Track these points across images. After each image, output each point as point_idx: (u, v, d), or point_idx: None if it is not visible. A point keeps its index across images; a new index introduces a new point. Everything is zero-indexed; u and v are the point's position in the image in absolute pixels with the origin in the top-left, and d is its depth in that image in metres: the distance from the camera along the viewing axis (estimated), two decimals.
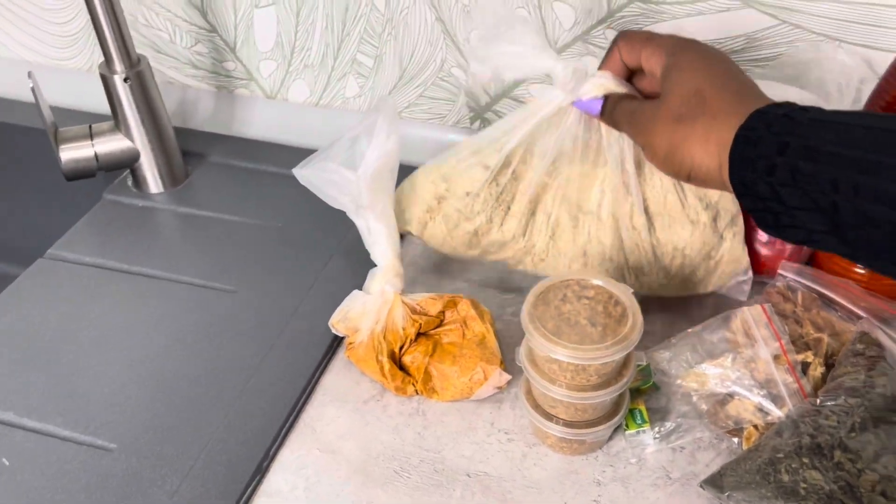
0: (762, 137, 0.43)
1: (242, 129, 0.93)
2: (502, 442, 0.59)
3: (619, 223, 0.61)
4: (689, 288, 0.64)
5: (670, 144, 0.48)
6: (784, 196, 0.42)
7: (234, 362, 0.64)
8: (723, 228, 0.62)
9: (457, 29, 0.79)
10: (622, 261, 0.61)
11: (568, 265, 0.62)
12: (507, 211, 0.62)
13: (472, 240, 0.64)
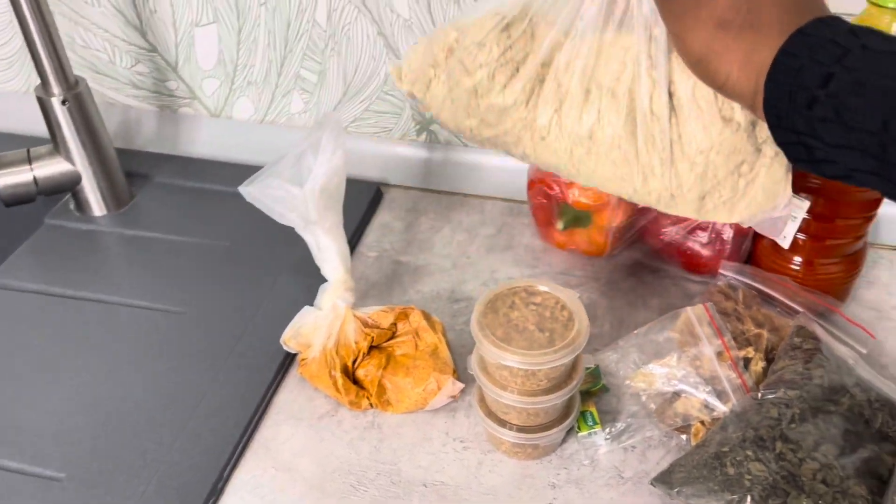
0: (804, 66, 0.38)
1: (187, 148, 0.93)
2: (458, 450, 0.60)
3: (635, 104, 0.50)
4: (706, 208, 0.52)
5: (707, 51, 0.43)
6: (823, 133, 0.38)
7: (184, 384, 0.64)
8: (762, 140, 0.50)
9: (399, 43, 0.80)
10: (632, 153, 0.51)
11: (570, 150, 0.52)
12: (514, 72, 0.52)
13: (470, 102, 0.53)
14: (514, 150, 0.55)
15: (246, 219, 0.77)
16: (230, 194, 0.81)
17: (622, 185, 0.51)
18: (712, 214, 0.52)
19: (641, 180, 0.51)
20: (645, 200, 0.51)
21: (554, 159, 0.53)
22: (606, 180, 0.51)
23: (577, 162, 0.51)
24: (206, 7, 0.83)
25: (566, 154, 0.52)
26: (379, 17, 0.79)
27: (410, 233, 0.81)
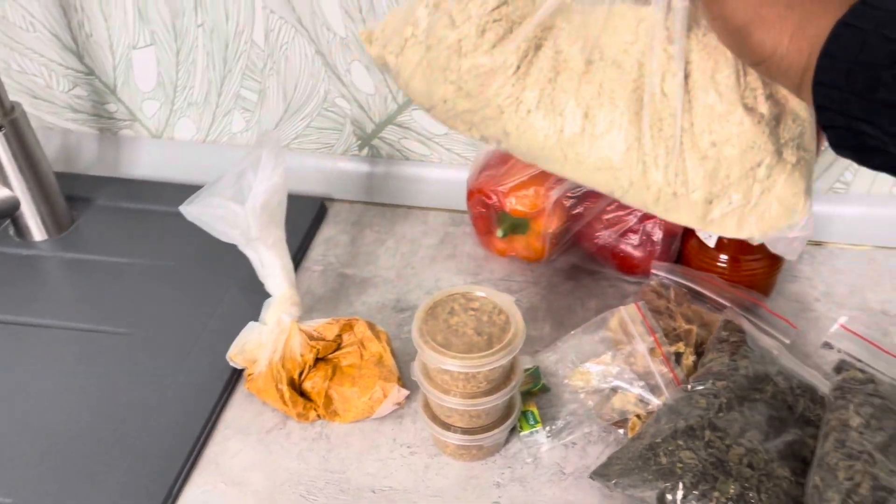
0: (868, 41, 0.33)
1: (129, 170, 0.93)
2: (405, 456, 0.61)
3: (643, 80, 0.43)
4: (711, 215, 0.44)
5: (753, 18, 0.37)
6: (885, 119, 0.34)
7: (131, 405, 0.64)
8: (785, 141, 0.43)
9: (337, 60, 0.82)
10: (632, 137, 0.43)
11: (560, 129, 0.44)
12: (507, 31, 0.45)
13: (451, 62, 0.46)
14: (491, 129, 0.47)
15: (190, 239, 0.77)
16: (174, 215, 0.81)
17: (616, 177, 0.44)
18: (718, 224, 0.45)
19: (641, 171, 0.44)
20: (641, 198, 0.44)
21: (539, 139, 0.45)
22: (598, 170, 0.44)
23: (567, 145, 0.44)
24: (142, 30, 0.84)
25: (555, 133, 0.45)
26: (316, 36, 0.81)
27: (355, 246, 0.82)
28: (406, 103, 0.84)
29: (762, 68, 0.39)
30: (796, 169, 0.44)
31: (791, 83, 0.38)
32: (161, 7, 0.82)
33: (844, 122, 0.36)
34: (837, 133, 0.37)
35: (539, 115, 0.45)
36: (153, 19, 0.83)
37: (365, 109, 0.85)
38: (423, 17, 0.48)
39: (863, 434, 0.54)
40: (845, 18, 0.35)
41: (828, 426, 0.55)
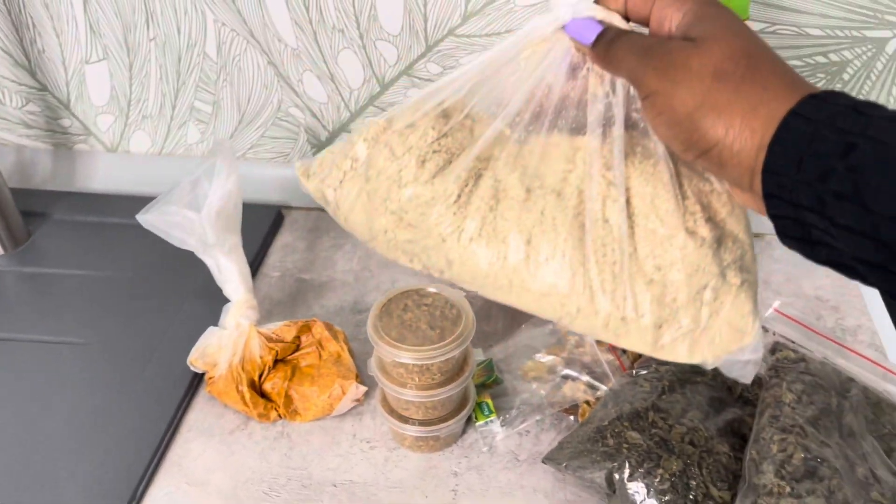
0: (819, 131, 0.34)
1: (85, 184, 0.93)
2: (365, 450, 0.63)
3: (584, 207, 0.44)
4: (662, 341, 0.44)
5: (702, 103, 0.37)
6: (834, 211, 0.33)
7: (93, 412, 0.65)
8: (728, 262, 0.44)
9: (289, 71, 0.84)
10: (577, 263, 0.43)
11: (503, 257, 0.44)
12: (447, 162, 0.46)
13: (391, 193, 0.46)
14: (434, 258, 0.47)
15: (148, 249, 0.78)
16: (130, 226, 0.82)
17: (563, 304, 0.44)
18: (669, 350, 0.45)
19: (588, 297, 0.44)
20: (590, 325, 0.44)
21: (483, 267, 0.45)
22: (543, 296, 0.44)
23: (512, 272, 0.44)
24: (94, 45, 0.85)
25: (499, 261, 0.45)
26: (268, 47, 0.82)
27: (313, 252, 0.84)
28: (359, 111, 0.86)
29: (713, 155, 0.37)
30: (741, 291, 0.44)
31: (743, 169, 0.37)
32: (113, 22, 0.83)
33: (793, 212, 0.35)
34: (785, 224, 0.36)
35: (482, 242, 0.45)
36: (105, 34, 0.84)
37: (318, 118, 0.87)
38: (362, 150, 0.48)
39: (795, 409, 0.57)
40: (797, 108, 0.35)
41: (763, 403, 0.59)
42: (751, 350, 0.44)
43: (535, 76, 0.44)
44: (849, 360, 0.63)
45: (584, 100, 0.45)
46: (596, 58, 0.43)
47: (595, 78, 0.44)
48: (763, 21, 0.74)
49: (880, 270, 0.33)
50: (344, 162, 0.49)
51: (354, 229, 0.49)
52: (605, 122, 0.44)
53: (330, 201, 0.50)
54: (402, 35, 0.79)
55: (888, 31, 0.73)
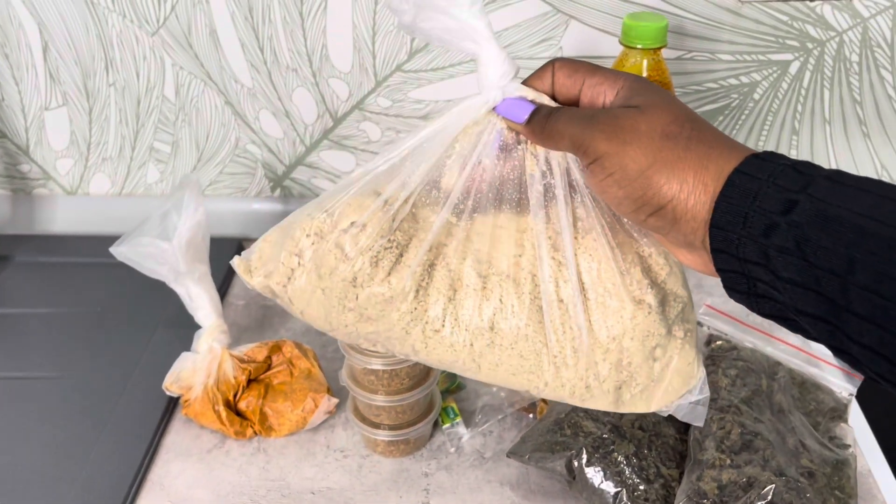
0: (763, 189, 0.35)
1: (45, 227, 0.95)
2: (339, 459, 0.66)
3: (539, 290, 0.46)
4: (622, 399, 0.47)
5: (654, 160, 0.38)
6: (777, 265, 0.35)
7: (72, 441, 0.67)
8: (672, 319, 0.47)
9: (246, 109, 0.88)
10: (541, 343, 0.46)
11: (469, 343, 0.46)
12: (398, 255, 0.46)
13: (348, 293, 0.46)
14: (400, 347, 0.48)
15: (114, 284, 0.82)
16: (95, 264, 0.85)
17: (531, 379, 0.47)
18: (630, 405, 0.48)
19: (553, 372, 0.46)
20: (558, 395, 0.47)
21: (450, 355, 0.47)
22: (512, 375, 0.47)
23: (478, 356, 0.46)
24: (54, 91, 0.88)
25: (465, 348, 0.46)
26: (224, 87, 0.87)
27: None
28: (314, 145, 0.91)
29: (666, 211, 0.39)
30: (685, 341, 0.47)
31: (698, 223, 0.38)
32: (72, 69, 0.86)
33: (739, 266, 0.37)
34: (731, 277, 0.38)
35: (446, 331, 0.46)
36: (65, 81, 0.87)
37: (275, 153, 0.91)
38: (306, 246, 0.47)
39: (730, 391, 0.64)
40: (741, 167, 0.36)
41: None
42: (698, 391, 0.48)
43: (471, 160, 0.45)
44: (775, 348, 0.70)
45: (524, 179, 0.46)
46: (531, 134, 0.44)
47: (530, 158, 0.45)
48: (679, 49, 0.82)
49: (822, 323, 0.34)
50: (290, 259, 0.48)
51: (312, 322, 0.49)
52: (546, 202, 0.46)
53: (280, 297, 0.49)
54: (353, 72, 0.85)
55: (790, 55, 0.82)
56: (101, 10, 0.82)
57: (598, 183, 0.41)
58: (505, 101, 0.44)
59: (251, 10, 0.81)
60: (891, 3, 0.78)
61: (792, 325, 0.37)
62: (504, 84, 0.44)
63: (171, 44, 0.84)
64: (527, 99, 0.44)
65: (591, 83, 0.43)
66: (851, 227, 0.33)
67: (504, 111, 0.44)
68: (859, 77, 0.83)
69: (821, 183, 0.35)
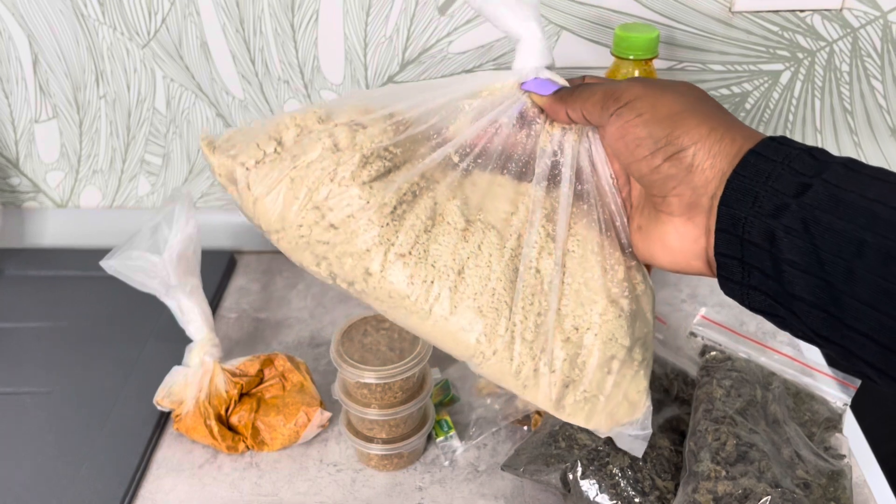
0: (776, 171, 0.35)
1: (35, 240, 0.95)
2: (332, 473, 0.66)
3: (521, 251, 0.44)
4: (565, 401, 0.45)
5: (688, 107, 0.39)
6: (782, 246, 0.34)
7: (62, 456, 0.66)
8: (637, 338, 0.45)
9: (237, 121, 0.88)
10: (504, 305, 0.43)
11: (430, 281, 0.43)
12: (388, 169, 0.43)
13: (321, 186, 0.43)
14: (348, 267, 0.44)
15: (104, 299, 0.81)
16: (85, 278, 0.85)
17: (479, 343, 0.43)
18: (569, 412, 0.45)
19: (507, 341, 0.43)
20: (500, 370, 0.44)
21: (403, 288, 0.43)
22: (462, 331, 0.43)
23: (434, 298, 0.43)
24: (44, 104, 0.88)
25: (423, 284, 0.43)
26: (216, 99, 0.87)
27: (267, 292, 0.87)
28: None
29: (686, 155, 0.38)
30: (641, 367, 0.46)
31: (714, 173, 0.38)
32: (62, 82, 0.86)
33: (739, 250, 0.36)
34: (727, 264, 0.38)
35: (410, 261, 0.43)
36: (55, 93, 0.87)
37: None
38: (290, 136, 0.44)
39: (725, 402, 0.63)
40: (756, 148, 0.37)
41: (697, 400, 0.64)
42: (639, 426, 0.46)
43: (489, 115, 0.46)
44: (770, 358, 0.70)
45: (534, 151, 0.46)
46: (557, 100, 0.44)
47: (545, 135, 0.46)
48: (671, 59, 0.82)
49: (817, 310, 0.34)
50: (267, 142, 0.44)
51: (262, 216, 0.44)
52: (549, 178, 0.45)
53: (238, 180, 0.44)
54: (345, 84, 0.85)
55: (780, 65, 0.82)
56: (91, 22, 0.82)
57: (623, 125, 0.40)
58: (535, 79, 0.46)
59: (242, 21, 0.81)
60: (880, 14, 0.78)
61: (780, 320, 0.37)
62: (538, 66, 0.46)
63: (161, 56, 0.84)
64: (554, 81, 0.46)
65: None
66: (863, 211, 0.33)
67: (532, 86, 0.46)
68: (850, 87, 0.83)
69: (836, 169, 0.35)
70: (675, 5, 0.79)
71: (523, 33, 0.46)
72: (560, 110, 0.44)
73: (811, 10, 0.78)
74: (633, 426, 0.46)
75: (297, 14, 0.81)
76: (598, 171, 0.46)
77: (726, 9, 0.79)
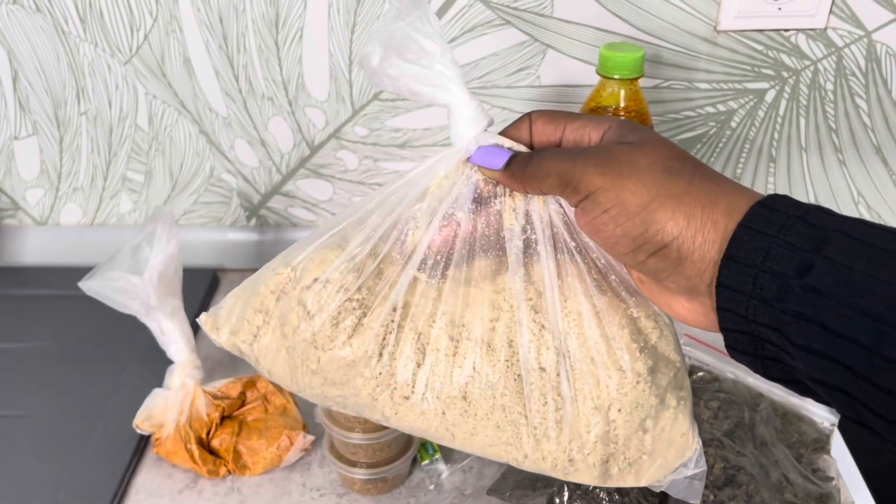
0: (772, 248, 0.32)
1: (14, 258, 0.93)
2: (315, 498, 0.65)
3: (518, 357, 0.42)
4: (610, 473, 0.43)
5: (657, 194, 0.35)
6: (791, 332, 0.32)
7: (37, 483, 0.65)
8: (664, 387, 0.43)
9: (221, 138, 0.87)
10: (517, 415, 0.42)
11: (441, 412, 0.42)
12: (362, 315, 0.42)
13: (309, 354, 0.43)
14: (370, 413, 0.44)
15: (84, 319, 0.80)
16: (66, 297, 0.83)
17: (510, 451, 0.43)
18: (617, 479, 0.44)
19: (533, 444, 0.42)
20: (539, 467, 0.43)
21: (422, 423, 0.43)
22: (489, 446, 0.43)
23: (452, 425, 0.42)
24: (23, 121, 0.86)
25: (437, 417, 0.42)
26: (199, 116, 0.86)
27: None
28: (290, 173, 0.89)
29: (670, 251, 0.35)
30: (679, 411, 0.43)
31: (706, 263, 0.34)
32: (42, 98, 0.85)
33: (747, 326, 0.33)
34: (736, 338, 0.35)
35: (416, 398, 0.42)
36: (35, 110, 0.86)
37: (251, 182, 0.90)
38: (271, 303, 0.44)
39: (712, 424, 0.63)
40: (745, 221, 0.33)
41: None
42: (693, 463, 0.44)
43: (440, 212, 0.42)
44: (757, 378, 0.69)
45: (501, 235, 0.42)
46: (511, 178, 0.40)
47: (509, 212, 0.42)
48: (656, 78, 0.82)
49: (839, 393, 0.31)
50: (254, 317, 0.45)
51: (280, 382, 0.46)
52: (525, 260, 0.42)
53: (248, 355, 0.46)
54: (330, 101, 0.84)
55: (766, 83, 0.82)
56: (72, 38, 0.81)
57: (591, 221, 0.37)
58: (480, 149, 0.42)
59: (225, 38, 0.80)
60: (864, 33, 0.79)
61: (802, 388, 0.34)
62: (478, 133, 0.42)
63: (143, 72, 0.83)
64: (503, 147, 0.41)
65: (574, 127, 0.40)
66: (879, 300, 0.29)
67: (479, 160, 0.41)
68: (834, 105, 0.83)
69: (838, 241, 0.31)
70: (661, 24, 0.79)
71: (450, 102, 0.42)
72: (517, 187, 0.41)
73: (796, 29, 0.78)
74: (686, 468, 0.44)
75: (281, 31, 0.80)
76: (577, 228, 0.41)
77: (711, 28, 0.79)
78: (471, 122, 0.42)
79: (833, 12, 0.77)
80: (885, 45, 0.79)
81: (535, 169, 0.39)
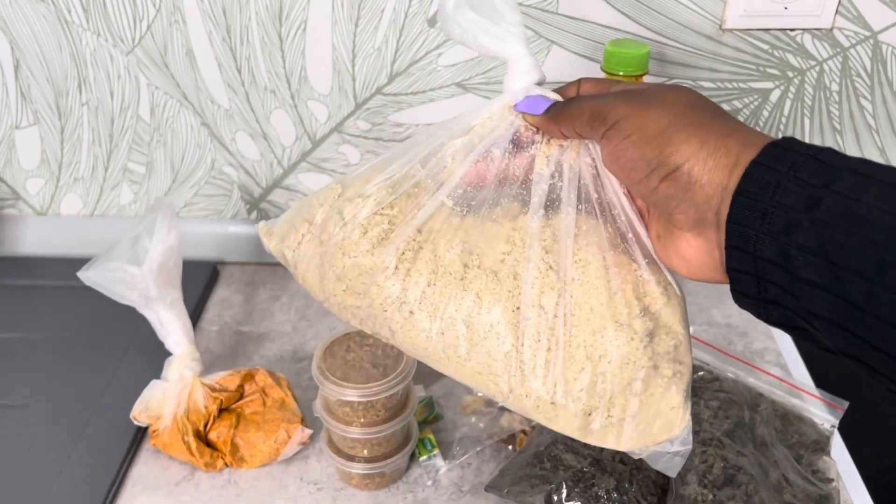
0: (783, 183, 0.33)
1: (14, 248, 0.93)
2: (312, 492, 0.64)
3: (520, 290, 0.43)
4: (590, 427, 0.44)
5: (677, 121, 0.37)
6: (797, 265, 0.33)
7: (33, 475, 0.64)
8: (660, 354, 0.43)
9: (222, 131, 0.87)
10: (510, 346, 0.43)
11: (441, 332, 0.44)
12: (389, 230, 0.45)
13: (337, 260, 0.46)
14: (379, 325, 0.46)
15: (83, 309, 0.79)
16: (64, 288, 0.83)
17: (496, 382, 0.44)
18: (598, 436, 0.44)
19: (520, 379, 0.43)
20: (521, 405, 0.44)
21: (422, 339, 0.45)
22: (477, 374, 0.44)
23: (448, 347, 0.44)
24: (25, 110, 0.86)
25: (437, 336, 0.44)
26: (201, 108, 0.85)
27: (250, 304, 0.86)
28: (292, 167, 0.89)
29: (681, 174, 0.36)
30: (672, 382, 0.43)
31: (714, 188, 0.36)
32: (44, 88, 0.85)
33: (753, 266, 0.35)
34: (741, 279, 0.36)
35: (422, 315, 0.44)
36: (36, 99, 0.85)
37: (252, 175, 0.90)
38: (319, 214, 0.48)
39: (712, 424, 0.62)
40: (758, 158, 0.34)
41: None
42: (679, 442, 0.44)
43: (478, 149, 0.45)
44: (758, 379, 0.69)
45: (529, 179, 0.45)
46: (549, 120, 0.43)
47: (541, 157, 0.45)
48: (661, 76, 0.81)
49: (838, 329, 0.32)
50: (301, 225, 0.48)
51: (310, 289, 0.49)
52: (547, 204, 0.44)
53: (289, 261, 0.50)
54: (332, 94, 0.84)
55: (770, 83, 0.82)
56: (74, 28, 0.81)
57: (613, 148, 0.39)
58: (527, 98, 0.45)
59: (229, 30, 0.80)
60: (871, 34, 0.78)
61: (801, 333, 0.35)
62: (529, 84, 0.45)
63: (146, 63, 0.82)
64: (547, 97, 0.44)
65: (618, 88, 0.42)
66: (881, 228, 0.31)
67: (524, 106, 0.45)
68: (839, 106, 0.83)
69: (846, 178, 0.32)
70: (666, 22, 0.78)
71: (509, 56, 0.45)
72: (554, 129, 0.43)
73: (801, 29, 0.78)
74: (671, 444, 0.43)
75: (284, 24, 0.80)
76: (604, 183, 0.44)
77: (717, 26, 0.78)
78: (525, 73, 0.45)
79: (839, 12, 0.77)
80: (890, 46, 0.79)
81: (571, 108, 0.41)
